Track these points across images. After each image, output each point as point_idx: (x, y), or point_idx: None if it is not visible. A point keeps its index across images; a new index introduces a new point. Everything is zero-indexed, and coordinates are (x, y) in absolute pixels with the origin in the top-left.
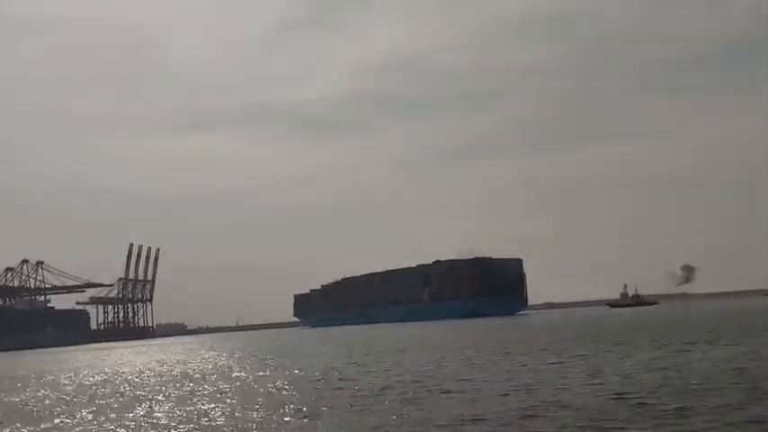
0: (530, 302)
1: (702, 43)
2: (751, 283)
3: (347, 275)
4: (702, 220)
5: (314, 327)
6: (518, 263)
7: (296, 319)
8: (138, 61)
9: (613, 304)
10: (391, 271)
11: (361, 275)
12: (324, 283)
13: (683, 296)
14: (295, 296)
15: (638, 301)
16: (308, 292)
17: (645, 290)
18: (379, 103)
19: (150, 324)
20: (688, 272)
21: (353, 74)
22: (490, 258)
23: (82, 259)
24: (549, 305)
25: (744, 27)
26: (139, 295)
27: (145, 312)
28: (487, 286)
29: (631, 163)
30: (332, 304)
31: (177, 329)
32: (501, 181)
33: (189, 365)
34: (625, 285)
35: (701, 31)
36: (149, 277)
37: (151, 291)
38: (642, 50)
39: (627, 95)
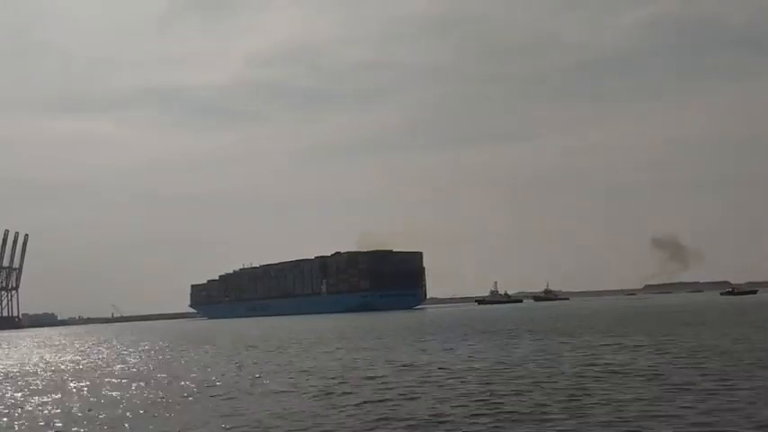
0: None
1: (592, 52)
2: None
3: (245, 266)
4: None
5: (210, 318)
6: (418, 256)
7: (189, 310)
8: (24, 40)
9: (480, 301)
10: (290, 262)
11: (260, 266)
12: (221, 274)
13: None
14: (192, 286)
15: (549, 296)
16: (206, 282)
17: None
18: (274, 93)
19: (16, 314)
20: (671, 250)
21: (249, 62)
22: (390, 251)
23: None
24: (434, 300)
25: (629, 39)
26: (4, 283)
27: (10, 301)
28: (386, 279)
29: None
30: (229, 295)
31: (47, 320)
32: (396, 176)
33: None
34: (495, 283)
35: (592, 41)
36: (16, 264)
37: (17, 278)
38: (534, 57)
39: (516, 99)
